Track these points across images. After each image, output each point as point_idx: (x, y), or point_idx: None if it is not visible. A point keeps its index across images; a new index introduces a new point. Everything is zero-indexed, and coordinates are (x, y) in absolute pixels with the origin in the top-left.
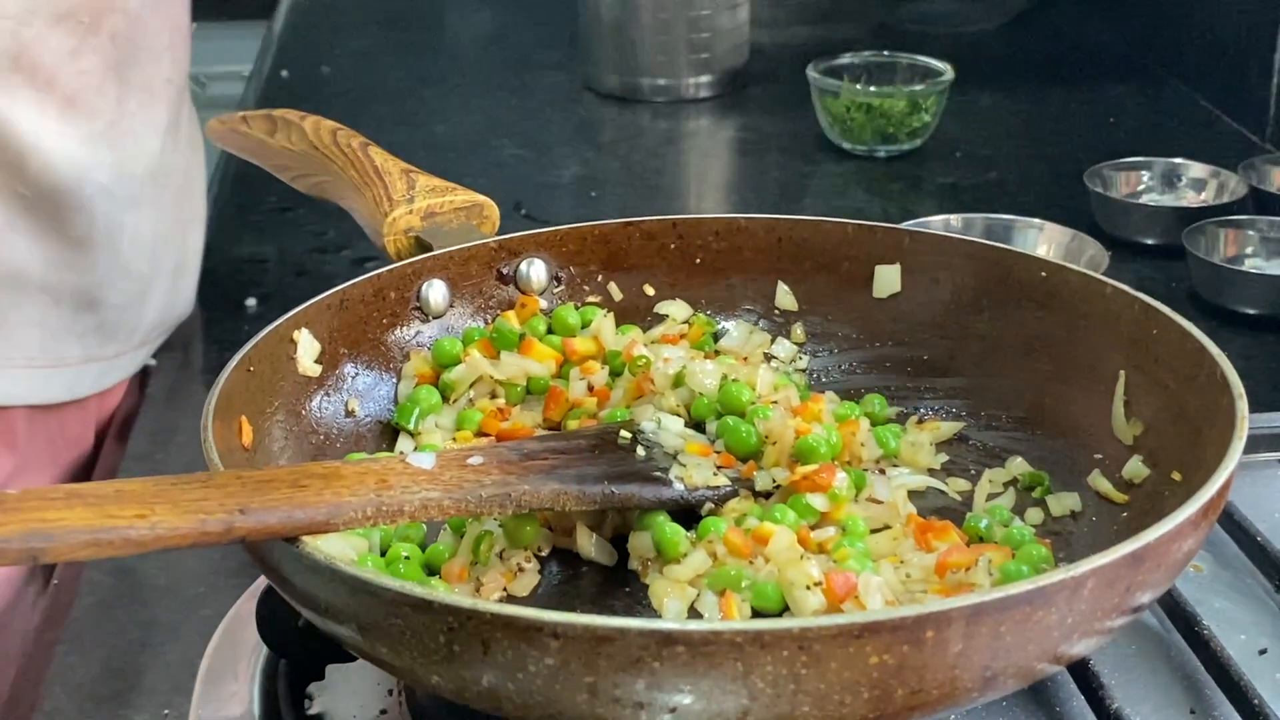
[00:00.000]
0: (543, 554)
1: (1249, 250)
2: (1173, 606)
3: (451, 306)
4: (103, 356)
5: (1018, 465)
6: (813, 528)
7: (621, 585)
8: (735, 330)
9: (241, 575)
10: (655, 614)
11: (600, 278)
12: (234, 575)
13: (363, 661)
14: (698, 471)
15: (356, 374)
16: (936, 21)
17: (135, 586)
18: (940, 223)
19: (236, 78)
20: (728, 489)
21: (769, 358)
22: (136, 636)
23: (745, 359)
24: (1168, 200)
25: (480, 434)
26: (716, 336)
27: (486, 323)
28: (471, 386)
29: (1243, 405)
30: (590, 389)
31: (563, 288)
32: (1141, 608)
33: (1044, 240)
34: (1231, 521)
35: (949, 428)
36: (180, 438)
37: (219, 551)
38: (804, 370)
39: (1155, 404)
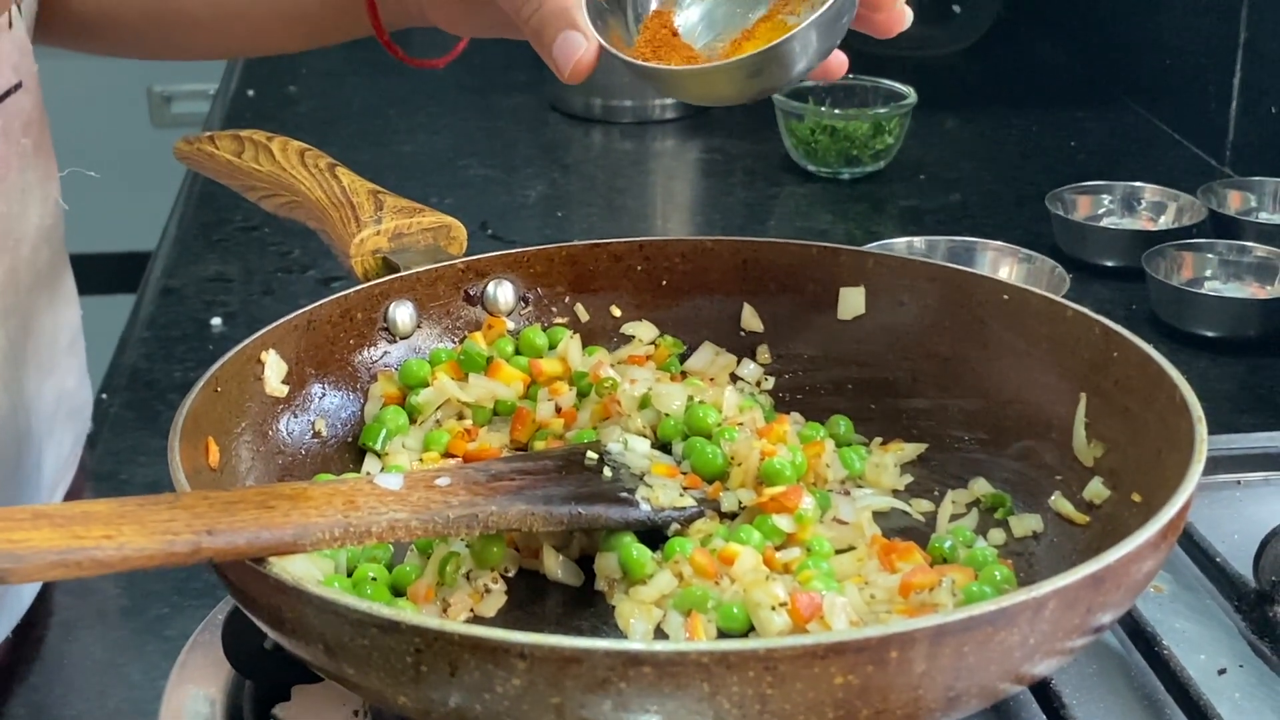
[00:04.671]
0: (509, 575)
1: (1208, 273)
2: (1133, 627)
3: (419, 327)
4: None
5: (980, 486)
6: (778, 548)
7: (588, 606)
8: (701, 351)
9: (205, 596)
10: (621, 635)
11: (567, 299)
12: (198, 596)
13: (328, 682)
14: (664, 492)
15: (324, 394)
16: (899, 45)
17: (99, 607)
18: (903, 245)
19: (202, 96)
20: (694, 510)
21: (735, 379)
22: (100, 657)
23: (711, 380)
24: (1128, 223)
25: (447, 455)
26: (683, 358)
27: (454, 344)
28: (439, 408)
29: (1202, 428)
30: (557, 410)
31: (530, 309)
32: (1103, 628)
33: (1005, 262)
34: (1191, 542)
35: (912, 449)
36: (142, 457)
37: (183, 572)
38: (769, 391)
39: (1116, 426)
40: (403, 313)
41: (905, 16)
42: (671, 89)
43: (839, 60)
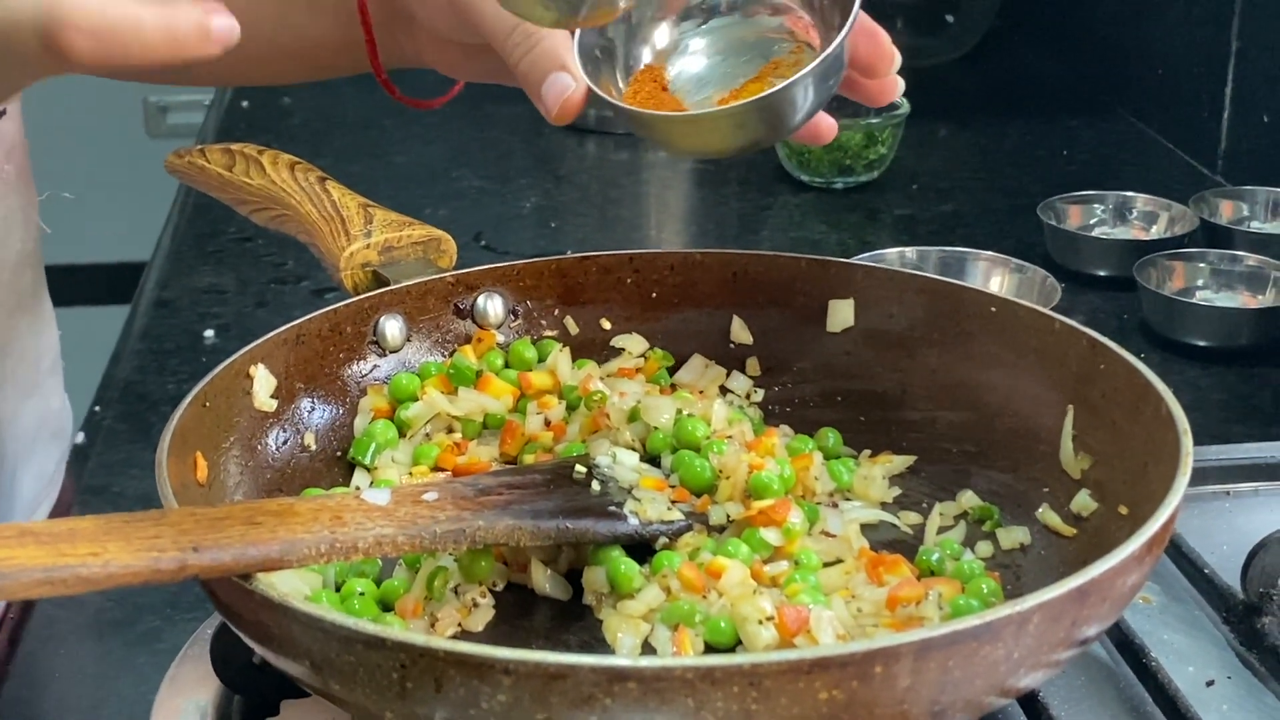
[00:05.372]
0: (497, 589)
1: (1199, 282)
2: (1122, 638)
3: (408, 341)
4: None
5: (968, 498)
6: (766, 561)
7: (576, 620)
8: (691, 364)
9: (197, 609)
10: (609, 649)
11: (557, 312)
12: (189, 609)
13: (316, 697)
14: (652, 506)
15: (313, 409)
16: None
17: (89, 620)
18: (895, 255)
19: (197, 106)
20: (682, 523)
21: (724, 391)
22: (90, 670)
23: (701, 393)
24: (1119, 233)
25: (436, 468)
26: (672, 370)
27: (443, 357)
28: (428, 422)
29: (1187, 441)
30: (547, 423)
31: (520, 322)
32: (1088, 640)
33: (997, 273)
34: (1180, 554)
35: (901, 461)
36: (135, 470)
37: (174, 585)
38: (759, 403)
39: (1103, 438)
40: (392, 326)
41: (897, 86)
42: (659, 135)
43: (828, 124)
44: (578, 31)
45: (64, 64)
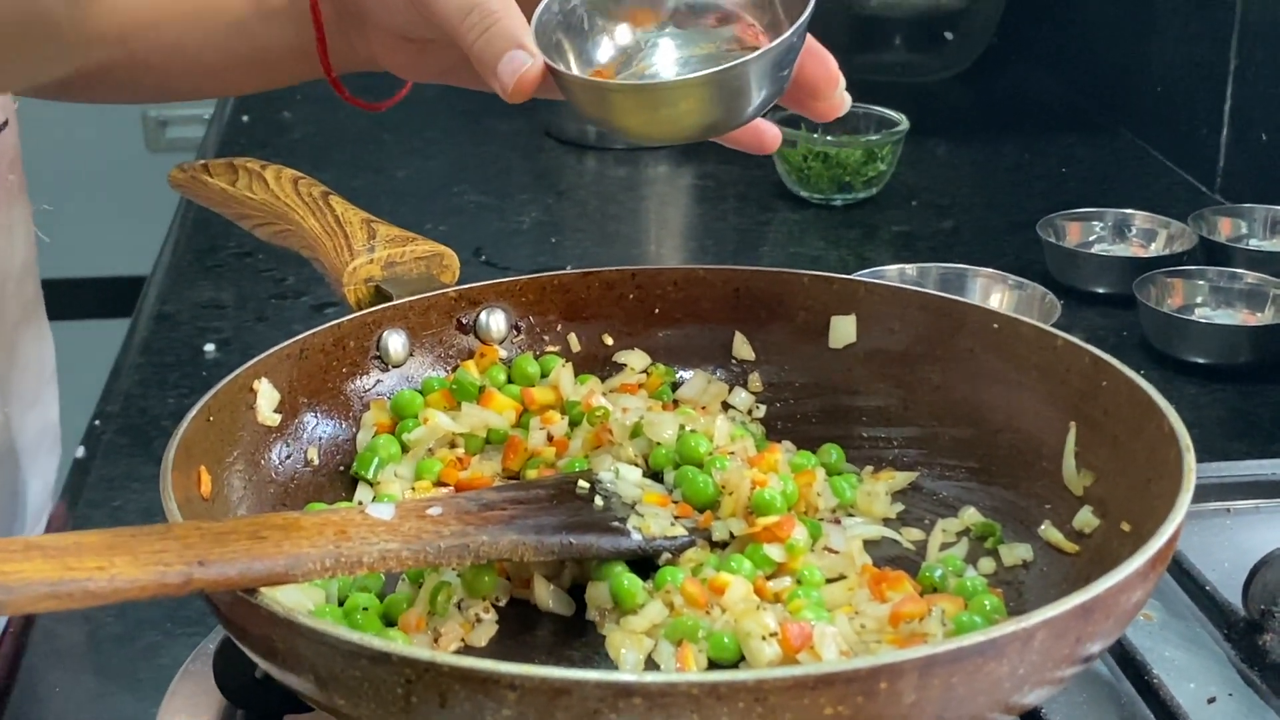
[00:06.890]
0: (500, 604)
1: (1198, 300)
2: (1123, 655)
3: (411, 356)
4: None
5: (970, 515)
6: (769, 577)
7: (579, 635)
8: (693, 380)
9: (198, 624)
10: (613, 665)
11: (560, 327)
12: (191, 624)
13: (319, 712)
14: (655, 521)
15: (316, 423)
16: (892, 72)
17: (91, 634)
18: (895, 272)
19: (198, 121)
20: (685, 539)
21: (727, 407)
22: (91, 685)
23: (703, 409)
24: (1118, 250)
25: (439, 483)
26: (675, 386)
27: (446, 372)
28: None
29: (1190, 458)
30: (549, 439)
31: (522, 337)
32: (1092, 657)
33: (997, 290)
34: (1181, 570)
35: (904, 477)
36: (136, 484)
37: (176, 600)
38: (761, 420)
39: (1105, 455)
40: (395, 341)
41: (844, 103)
42: (613, 109)
43: (772, 133)
44: (534, 18)
45: None
